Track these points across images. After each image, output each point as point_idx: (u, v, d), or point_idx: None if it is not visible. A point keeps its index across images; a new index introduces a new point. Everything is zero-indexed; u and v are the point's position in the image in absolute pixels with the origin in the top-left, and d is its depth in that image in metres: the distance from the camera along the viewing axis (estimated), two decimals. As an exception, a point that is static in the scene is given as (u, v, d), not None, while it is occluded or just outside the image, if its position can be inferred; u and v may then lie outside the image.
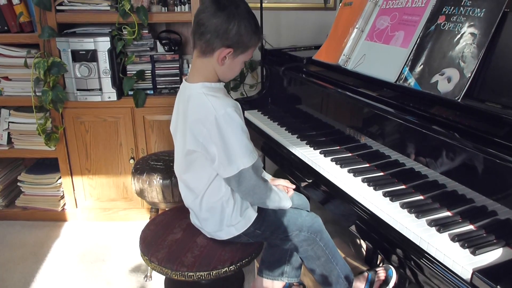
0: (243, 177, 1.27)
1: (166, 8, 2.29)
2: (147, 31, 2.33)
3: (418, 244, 1.09)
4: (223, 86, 1.35)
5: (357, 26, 1.70)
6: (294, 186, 1.53)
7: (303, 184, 1.62)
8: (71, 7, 2.21)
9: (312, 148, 1.65)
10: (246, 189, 1.30)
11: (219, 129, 1.22)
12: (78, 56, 2.22)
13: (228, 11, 1.21)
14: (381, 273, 1.65)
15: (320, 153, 1.61)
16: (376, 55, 1.58)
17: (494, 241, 1.03)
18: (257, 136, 1.94)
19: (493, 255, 1.00)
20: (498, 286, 0.85)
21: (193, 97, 1.28)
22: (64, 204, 2.56)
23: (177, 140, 1.40)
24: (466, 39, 1.29)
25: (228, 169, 1.26)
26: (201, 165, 1.32)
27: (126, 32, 2.25)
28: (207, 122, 1.23)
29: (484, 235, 1.07)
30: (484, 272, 0.93)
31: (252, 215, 1.39)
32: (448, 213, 1.18)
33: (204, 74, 1.30)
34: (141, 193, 1.97)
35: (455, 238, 1.06)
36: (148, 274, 2.07)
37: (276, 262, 1.58)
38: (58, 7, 2.19)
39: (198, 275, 1.31)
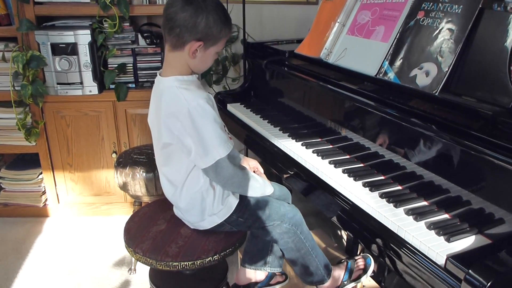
0: (220, 167, 1.29)
1: (147, 0, 2.28)
2: (128, 24, 2.32)
3: (396, 232, 1.12)
4: (196, 78, 1.36)
5: (338, 21, 1.72)
6: (262, 170, 1.60)
7: (285, 175, 1.65)
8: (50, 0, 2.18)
9: (294, 140, 1.68)
10: (224, 178, 1.32)
11: (192, 121, 1.24)
12: (58, 50, 2.19)
13: (196, 4, 1.22)
14: (360, 261, 1.69)
15: (302, 145, 1.63)
16: (357, 49, 1.61)
17: (468, 228, 1.08)
18: (240, 129, 1.96)
19: (466, 242, 1.04)
20: (470, 270, 0.89)
21: (166, 91, 1.29)
22: (46, 200, 2.53)
23: (154, 134, 1.41)
24: (444, 35, 1.32)
25: (204, 160, 1.28)
26: (178, 157, 1.34)
27: (107, 25, 2.23)
28: (180, 115, 1.25)
29: (458, 223, 1.11)
30: (457, 258, 0.97)
31: (234, 202, 1.41)
32: (425, 203, 1.22)
33: (176, 67, 1.31)
34: (124, 187, 1.97)
35: (431, 226, 1.10)
36: (132, 267, 2.08)
37: (259, 252, 1.60)
38: (36, 0, 2.16)
39: (182, 265, 1.32)
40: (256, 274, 1.63)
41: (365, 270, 1.66)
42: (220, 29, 1.28)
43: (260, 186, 1.43)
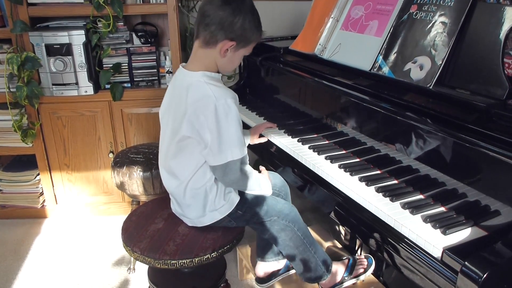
0: (229, 168, 1.30)
1: (141, -1, 2.27)
2: (122, 23, 2.31)
3: (392, 225, 1.13)
4: (220, 77, 1.37)
5: (332, 16, 1.72)
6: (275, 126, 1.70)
7: (282, 172, 1.65)
8: (44, 0, 2.16)
9: (290, 136, 1.68)
10: (230, 180, 1.34)
11: (216, 117, 1.25)
12: (53, 50, 2.18)
13: (234, 5, 1.25)
14: (364, 261, 1.70)
15: (298, 141, 1.64)
16: (351, 44, 1.61)
17: (464, 221, 1.08)
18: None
19: (462, 234, 1.04)
20: (466, 262, 0.90)
21: (194, 85, 1.30)
22: (44, 201, 2.53)
23: (168, 125, 1.40)
24: (437, 28, 1.33)
25: (217, 157, 1.29)
26: (191, 151, 1.34)
27: (101, 25, 2.22)
28: (206, 109, 1.25)
29: (454, 216, 1.11)
30: (453, 250, 0.97)
31: (235, 198, 1.43)
32: (420, 196, 1.22)
33: (205, 64, 1.33)
34: (121, 186, 1.97)
35: (427, 219, 1.10)
36: (131, 267, 2.08)
37: (270, 245, 1.62)
38: (29, 1, 2.14)
39: (180, 263, 1.33)
40: (272, 264, 1.65)
41: (366, 269, 1.68)
42: (253, 33, 1.31)
43: (259, 189, 1.45)
